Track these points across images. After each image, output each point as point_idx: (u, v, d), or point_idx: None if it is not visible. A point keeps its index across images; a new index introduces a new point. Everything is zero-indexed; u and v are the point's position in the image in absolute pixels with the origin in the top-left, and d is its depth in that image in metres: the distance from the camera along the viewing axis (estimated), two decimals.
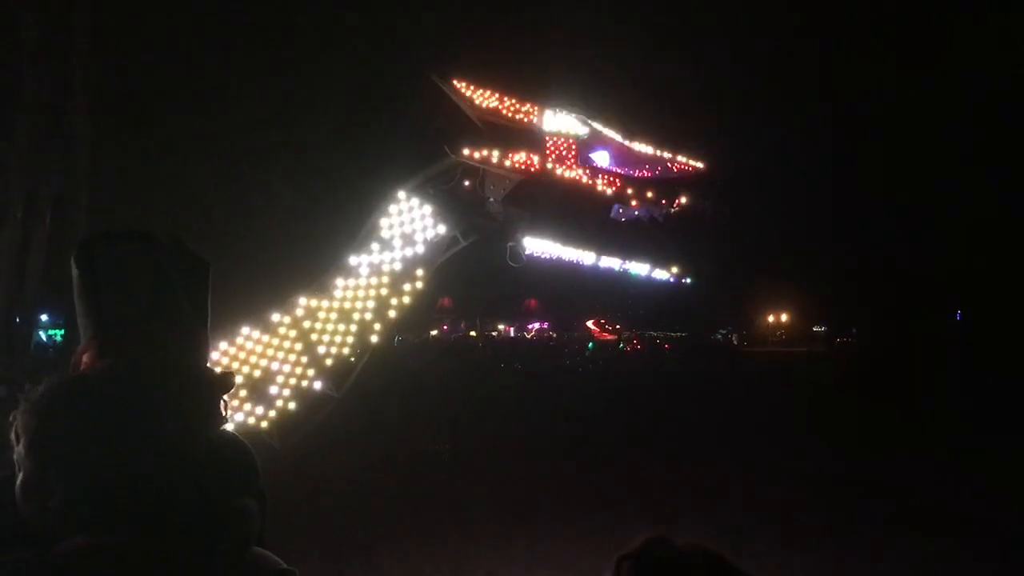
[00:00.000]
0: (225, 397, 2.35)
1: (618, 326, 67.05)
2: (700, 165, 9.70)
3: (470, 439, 15.21)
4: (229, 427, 2.07)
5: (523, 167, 8.52)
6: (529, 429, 18.02)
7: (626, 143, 9.48)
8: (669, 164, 9.57)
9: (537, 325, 75.64)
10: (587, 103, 9.28)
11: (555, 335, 68.77)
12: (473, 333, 66.80)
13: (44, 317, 21.49)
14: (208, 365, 2.39)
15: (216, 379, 2.19)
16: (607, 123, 9.37)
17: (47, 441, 1.75)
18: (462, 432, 14.94)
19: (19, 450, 1.76)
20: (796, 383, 31.54)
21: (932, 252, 54.86)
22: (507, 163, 8.44)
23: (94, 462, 1.78)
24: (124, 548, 1.75)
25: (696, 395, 26.51)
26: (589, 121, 9.15)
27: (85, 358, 2.13)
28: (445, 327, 69.05)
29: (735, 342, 73.59)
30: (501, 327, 75.25)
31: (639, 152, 9.52)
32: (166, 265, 2.10)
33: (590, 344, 59.22)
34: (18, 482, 1.78)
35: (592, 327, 68.00)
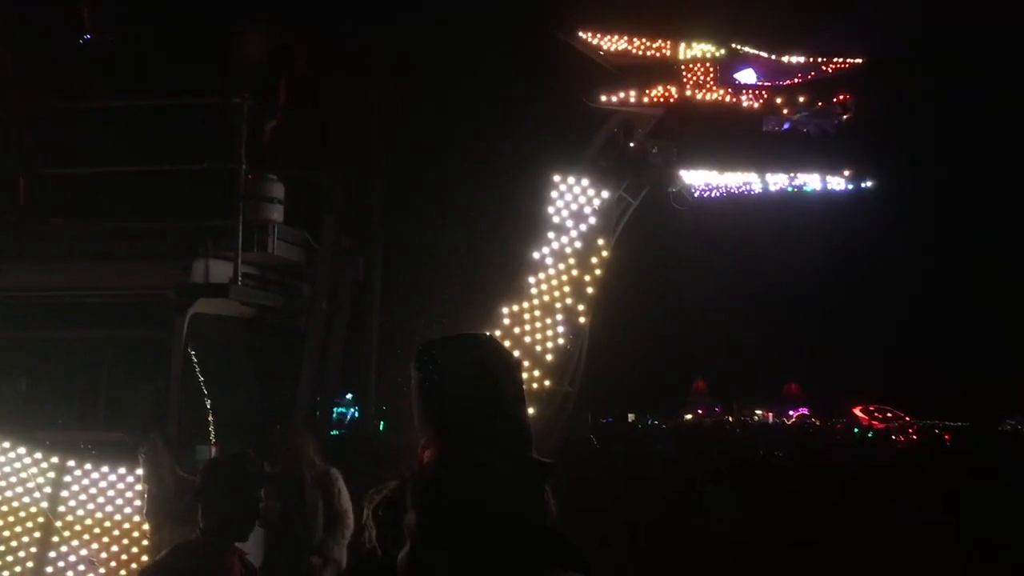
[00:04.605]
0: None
1: (889, 414, 62.34)
2: (859, 60, 8.99)
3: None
4: None
5: (662, 100, 8.39)
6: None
7: (774, 57, 9.02)
8: (824, 67, 8.98)
9: (797, 411, 72.02)
10: (723, 27, 9.01)
11: (817, 422, 65.04)
12: (730, 418, 64.74)
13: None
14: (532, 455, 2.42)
15: (547, 468, 2.22)
16: (750, 41, 9.03)
17: (437, 521, 1.86)
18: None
19: (408, 523, 1.88)
20: None
21: None
22: (644, 100, 8.32)
23: (479, 549, 1.87)
24: None
25: None
26: (730, 43, 8.87)
27: (427, 453, 2.23)
28: (700, 411, 67.49)
29: None
30: (759, 412, 72.38)
31: (790, 63, 9.02)
32: (491, 364, 2.20)
33: (856, 431, 55.56)
34: (402, 555, 1.89)
35: (859, 414, 63.69)
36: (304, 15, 9.82)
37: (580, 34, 8.56)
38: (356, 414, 10.18)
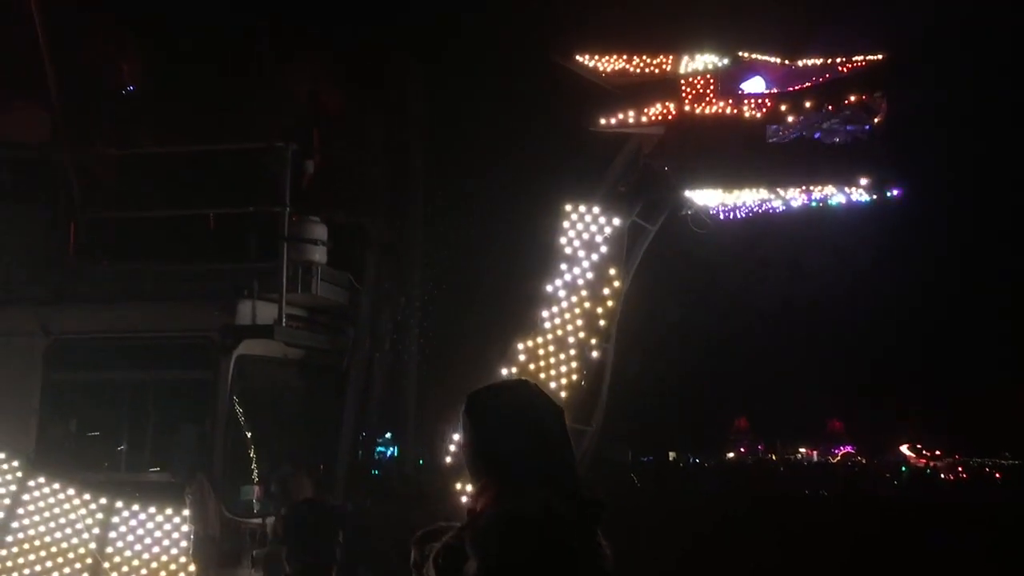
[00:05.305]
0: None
1: (937, 451, 60.96)
2: (878, 57, 8.21)
3: None
4: None
5: (660, 118, 7.95)
6: None
7: (787, 62, 8.37)
8: (840, 68, 8.24)
9: (842, 449, 70.72)
10: (729, 35, 8.44)
11: (863, 460, 63.80)
12: (773, 456, 63.78)
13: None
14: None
15: (599, 508, 2.21)
16: (759, 47, 8.43)
17: (498, 569, 1.88)
18: None
19: (469, 571, 1.89)
20: None
21: None
22: (643, 119, 7.96)
23: None
24: None
25: None
26: (735, 51, 8.27)
27: (482, 500, 2.22)
28: (743, 449, 66.56)
29: None
30: (803, 450, 71.16)
31: (805, 66, 8.34)
32: (539, 411, 2.22)
33: (903, 469, 54.37)
34: None
35: (907, 452, 62.40)
36: (337, 55, 9.94)
37: (577, 57, 8.29)
38: (395, 453, 10.14)
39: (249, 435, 7.43)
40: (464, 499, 7.25)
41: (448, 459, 7.52)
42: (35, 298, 7.62)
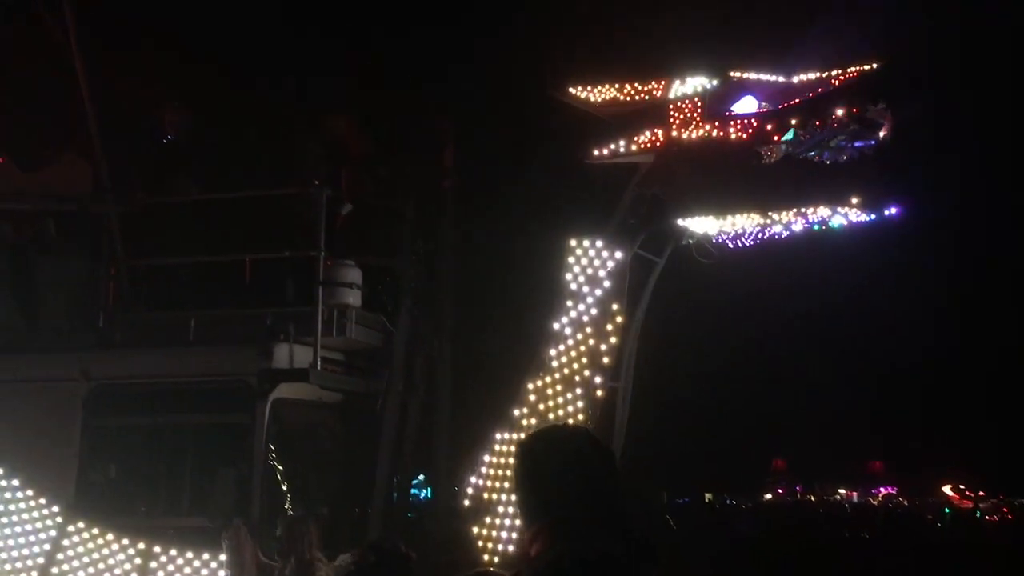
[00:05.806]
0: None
1: (981, 492, 59.46)
2: (872, 67, 7.90)
3: None
4: None
5: (650, 145, 7.77)
6: None
7: (780, 79, 8.06)
8: (833, 81, 7.95)
9: (883, 490, 69.29)
10: (719, 55, 8.06)
11: (904, 502, 62.41)
12: (811, 498, 62.62)
13: None
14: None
15: (653, 550, 2.21)
16: (751, 64, 8.12)
17: None
18: None
19: None
20: None
21: None
22: (633, 148, 7.78)
23: None
24: None
25: None
26: (726, 71, 7.99)
27: (537, 544, 2.22)
28: (780, 490, 65.44)
29: None
30: (842, 491, 69.81)
31: (800, 82, 8.04)
32: (592, 456, 2.24)
33: (947, 511, 53.03)
34: None
35: (950, 493, 60.96)
36: (363, 103, 10.07)
37: (571, 89, 8.17)
38: (428, 495, 10.08)
39: (285, 478, 7.45)
40: (479, 543, 7.21)
41: (466, 502, 7.49)
42: (76, 344, 7.75)
